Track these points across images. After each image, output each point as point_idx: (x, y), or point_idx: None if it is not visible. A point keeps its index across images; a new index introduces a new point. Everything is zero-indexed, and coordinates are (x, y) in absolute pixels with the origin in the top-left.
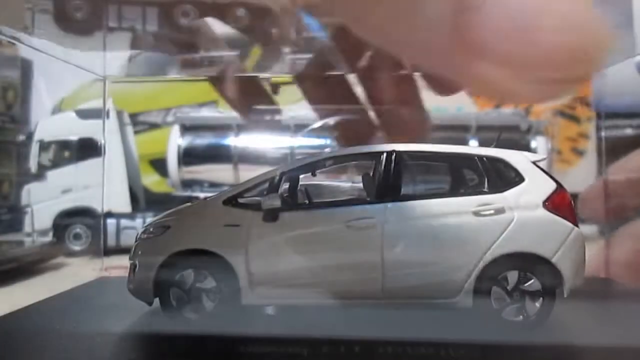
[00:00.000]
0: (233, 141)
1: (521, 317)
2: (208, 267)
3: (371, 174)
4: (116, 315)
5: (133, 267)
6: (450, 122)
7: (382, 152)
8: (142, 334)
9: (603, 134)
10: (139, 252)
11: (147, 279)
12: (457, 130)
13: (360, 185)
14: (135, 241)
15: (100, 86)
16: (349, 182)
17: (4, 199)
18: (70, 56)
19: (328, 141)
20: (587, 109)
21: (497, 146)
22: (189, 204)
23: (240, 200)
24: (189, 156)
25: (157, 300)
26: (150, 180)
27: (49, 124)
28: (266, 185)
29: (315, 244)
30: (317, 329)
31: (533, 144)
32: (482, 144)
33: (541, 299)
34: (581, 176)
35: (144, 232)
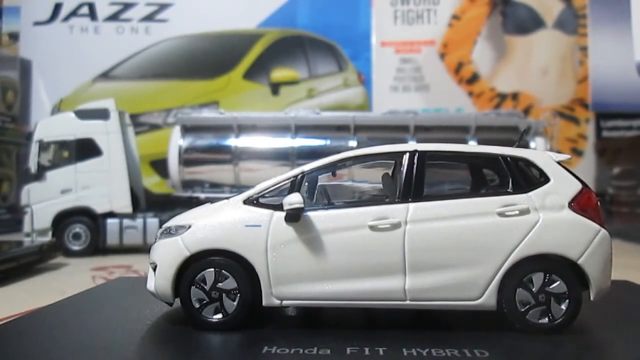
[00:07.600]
0: (233, 142)
1: (547, 319)
2: (229, 268)
3: (390, 173)
4: None
5: (153, 268)
6: (450, 123)
7: (404, 152)
8: None
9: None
10: (159, 253)
11: (167, 279)
12: (457, 131)
13: (380, 185)
14: (155, 241)
15: (99, 86)
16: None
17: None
18: None
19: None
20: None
21: (519, 146)
22: (209, 203)
23: (262, 200)
24: (189, 157)
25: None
26: (151, 181)
27: (48, 124)
28: (287, 185)
29: (337, 245)
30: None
31: (532, 145)
32: (482, 144)
33: (567, 301)
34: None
35: (163, 233)
